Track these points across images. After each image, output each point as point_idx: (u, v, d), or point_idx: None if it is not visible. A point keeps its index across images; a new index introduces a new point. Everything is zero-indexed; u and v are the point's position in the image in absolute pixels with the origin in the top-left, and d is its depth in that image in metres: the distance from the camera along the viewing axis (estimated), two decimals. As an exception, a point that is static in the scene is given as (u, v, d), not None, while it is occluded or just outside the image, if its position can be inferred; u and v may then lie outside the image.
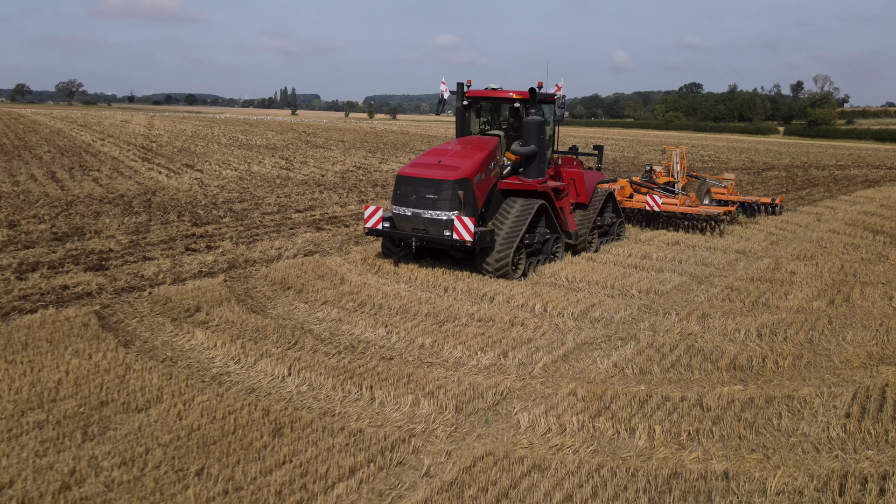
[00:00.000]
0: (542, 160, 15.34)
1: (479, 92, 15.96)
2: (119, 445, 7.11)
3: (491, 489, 6.55)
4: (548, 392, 8.88)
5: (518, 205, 14.75)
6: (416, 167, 14.35)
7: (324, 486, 6.53)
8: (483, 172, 14.33)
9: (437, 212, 13.75)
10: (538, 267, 15.17)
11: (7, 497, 6.16)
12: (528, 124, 15.01)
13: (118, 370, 8.95)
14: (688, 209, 21.15)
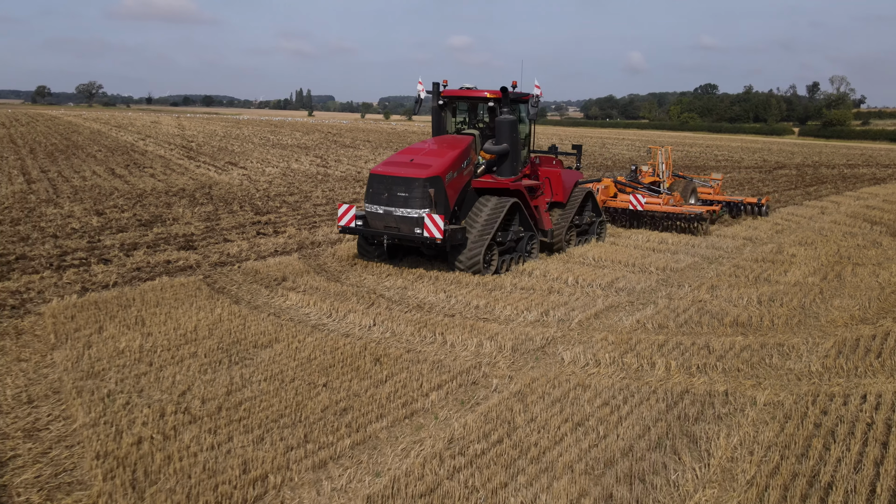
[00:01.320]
0: (516, 159, 15.60)
1: (453, 91, 16.11)
2: (259, 368, 9.31)
3: (546, 397, 8.70)
4: (584, 339, 11.01)
5: (491, 203, 14.85)
6: (389, 165, 14.56)
7: (419, 394, 8.69)
8: (455, 171, 14.47)
9: (408, 210, 13.89)
10: (513, 265, 15.51)
11: (190, 397, 8.36)
12: (500, 123, 15.29)
13: (237, 320, 11.17)
14: (670, 209, 21.22)
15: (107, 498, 6.21)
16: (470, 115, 16.70)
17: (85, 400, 8.17)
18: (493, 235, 14.45)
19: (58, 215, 20.24)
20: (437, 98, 16.25)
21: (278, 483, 6.57)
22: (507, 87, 15.20)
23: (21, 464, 6.87)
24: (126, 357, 9.51)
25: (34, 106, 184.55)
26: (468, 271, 14.27)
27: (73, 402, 8.15)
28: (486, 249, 14.34)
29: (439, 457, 7.13)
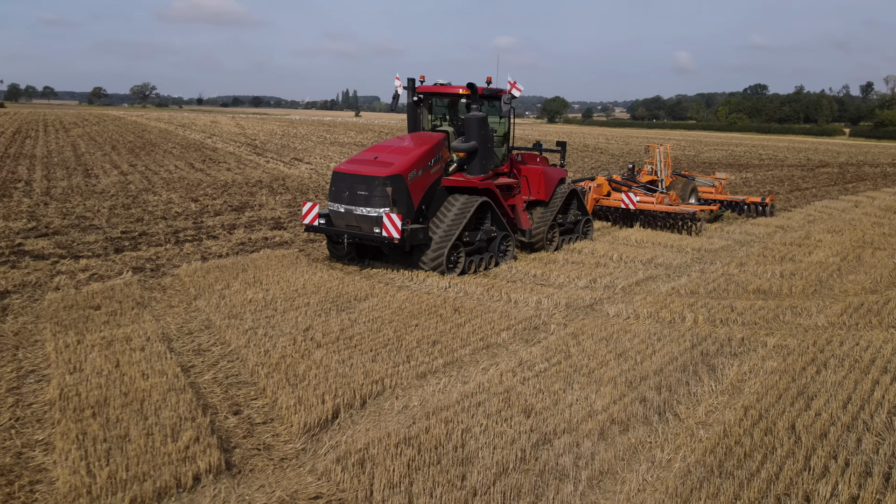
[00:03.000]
0: (486, 157, 15.21)
1: (428, 87, 15.81)
2: (361, 314, 11.60)
3: (596, 336, 10.84)
4: (626, 300, 13.11)
5: (459, 202, 14.56)
6: (352, 163, 14.40)
7: (492, 333, 10.89)
8: (421, 169, 14.21)
9: (368, 208, 13.71)
10: (485, 266, 15.23)
11: (313, 332, 10.66)
12: (469, 120, 14.92)
13: (335, 281, 13.50)
14: (663, 207, 20.75)
15: (272, 388, 8.53)
16: (450, 112, 16.28)
17: (233, 331, 10.54)
18: (458, 235, 14.19)
19: (159, 202, 22.94)
20: (412, 94, 15.94)
21: (392, 385, 8.81)
22: (474, 83, 14.95)
23: (199, 370, 9.24)
24: (254, 305, 11.88)
25: (91, 107, 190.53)
26: (432, 270, 14.13)
27: (225, 332, 10.53)
28: (450, 249, 14.10)
29: (512, 371, 9.33)
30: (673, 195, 22.44)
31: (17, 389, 8.46)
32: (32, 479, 6.52)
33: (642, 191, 22.55)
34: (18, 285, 12.72)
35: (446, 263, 14.09)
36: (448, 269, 14.20)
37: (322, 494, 6.40)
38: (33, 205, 21.70)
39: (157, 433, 7.20)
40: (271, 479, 6.66)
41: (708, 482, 6.62)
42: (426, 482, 6.47)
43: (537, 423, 7.76)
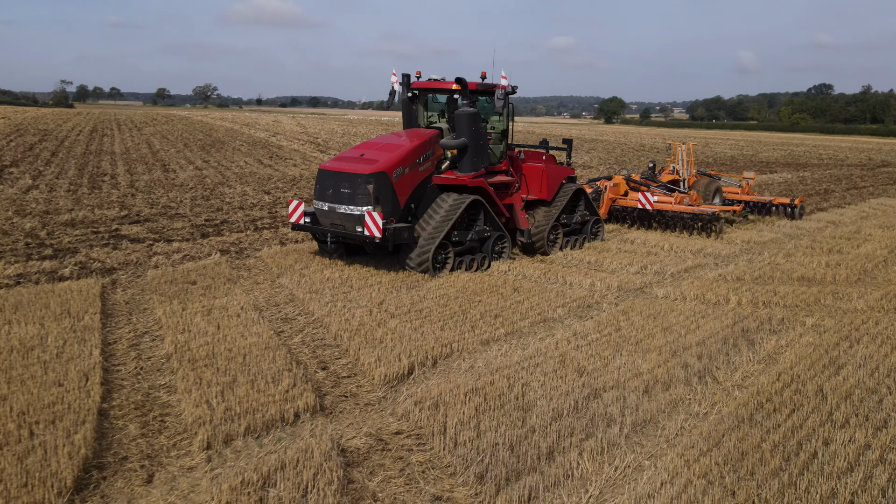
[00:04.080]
0: (477, 154, 14.67)
1: (422, 83, 15.46)
2: (429, 292, 12.73)
3: (644, 313, 11.80)
4: (674, 284, 14.01)
5: (449, 201, 14.25)
6: (338, 161, 14.21)
7: (549, 309, 11.91)
8: (408, 166, 13.91)
9: (351, 207, 13.46)
10: (480, 268, 14.78)
11: (387, 305, 11.83)
12: (459, 116, 14.47)
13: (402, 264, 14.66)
14: (682, 208, 19.83)
15: (354, 349, 9.72)
16: (448, 109, 15.52)
17: (315, 303, 11.78)
18: (446, 234, 13.86)
19: (234, 194, 24.52)
20: (407, 90, 15.65)
21: (459, 349, 9.92)
22: (463, 78, 14.59)
23: (288, 335, 10.48)
24: (332, 282, 13.12)
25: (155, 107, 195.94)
26: (418, 270, 13.77)
27: (308, 304, 11.78)
28: (437, 249, 13.82)
29: (567, 340, 10.37)
30: (694, 195, 21.52)
31: (137, 346, 9.81)
32: (162, 412, 7.81)
33: (661, 190, 21.74)
34: (122, 263, 14.20)
35: (432, 263, 13.73)
36: (435, 269, 13.90)
37: (403, 430, 7.54)
38: (122, 196, 23.47)
39: (260, 380, 8.43)
40: (359, 419, 7.83)
41: (738, 429, 7.57)
42: (492, 421, 7.57)
43: (588, 381, 8.79)
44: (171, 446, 7.04)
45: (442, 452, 7.02)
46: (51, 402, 7.58)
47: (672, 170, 24.09)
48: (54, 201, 21.94)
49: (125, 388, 8.41)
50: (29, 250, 15.03)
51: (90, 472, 6.44)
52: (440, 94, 15.64)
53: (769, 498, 6.21)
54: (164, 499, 6.08)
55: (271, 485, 6.20)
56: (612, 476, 6.63)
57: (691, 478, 6.49)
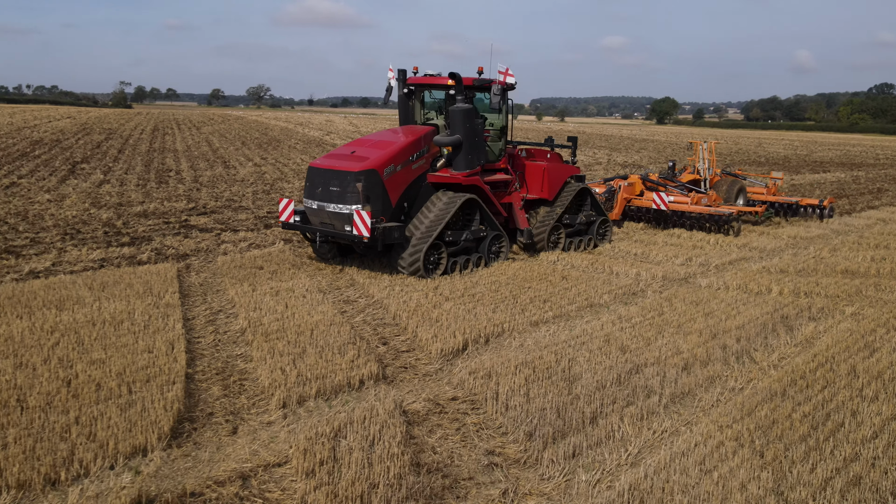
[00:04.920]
0: (473, 151, 14.19)
1: (418, 79, 15.03)
2: (481, 279, 13.43)
3: (687, 300, 12.34)
4: (718, 274, 14.49)
5: (443, 199, 13.83)
6: (328, 158, 13.84)
7: (596, 296, 12.53)
8: (400, 164, 13.49)
9: (340, 205, 13.05)
10: (475, 268, 14.35)
11: (441, 289, 12.57)
12: (453, 112, 14.04)
13: (457, 254, 15.39)
14: (698, 208, 19.33)
15: (412, 327, 10.47)
16: (446, 104, 14.87)
17: (375, 287, 12.59)
18: (439, 234, 13.42)
19: (293, 189, 25.56)
20: (403, 85, 15.25)
21: (510, 329, 10.60)
22: (457, 73, 14.15)
23: (350, 314, 11.28)
24: (389, 268, 13.90)
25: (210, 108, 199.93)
26: (409, 272, 13.33)
27: (368, 287, 12.63)
28: (429, 249, 13.35)
29: (612, 323, 10.99)
30: (713, 195, 20.88)
31: (213, 322, 10.71)
32: (240, 377, 8.65)
33: (679, 190, 21.05)
34: (193, 251, 15.20)
35: (424, 264, 13.26)
36: (427, 271, 13.42)
37: (458, 397, 8.26)
38: (188, 190, 24.70)
39: (327, 351, 9.23)
40: (417, 387, 8.57)
41: (771, 401, 8.12)
42: (540, 389, 8.24)
43: (631, 358, 9.40)
44: (250, 405, 7.87)
45: (494, 415, 7.72)
46: (143, 365, 8.47)
47: (693, 169, 23.38)
48: (126, 194, 23.22)
49: (206, 356, 9.29)
50: (108, 238, 16.15)
51: (183, 423, 7.29)
52: (437, 89, 15.19)
53: (795, 458, 6.76)
54: (248, 447, 6.89)
55: (342, 436, 6.97)
56: (650, 438, 7.25)
57: (723, 440, 7.08)
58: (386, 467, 6.33)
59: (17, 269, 13.07)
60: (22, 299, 10.93)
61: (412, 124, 15.25)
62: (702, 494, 6.07)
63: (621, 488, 6.13)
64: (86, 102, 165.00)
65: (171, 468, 6.42)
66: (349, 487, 5.99)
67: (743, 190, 22.84)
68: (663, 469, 6.47)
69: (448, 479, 6.43)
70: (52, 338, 9.26)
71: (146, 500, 5.84)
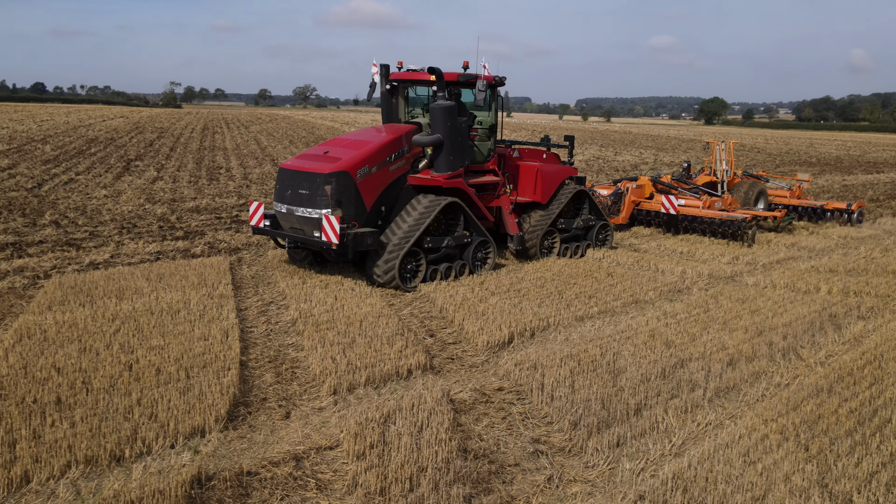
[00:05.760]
0: (456, 151, 13.29)
1: (400, 74, 14.20)
2: (526, 275, 13.56)
3: (733, 298, 12.33)
4: (765, 273, 14.42)
5: (422, 203, 12.92)
6: (300, 159, 13.03)
7: (641, 292, 12.58)
8: (376, 165, 12.63)
9: (309, 209, 12.23)
10: (458, 276, 13.40)
11: (487, 284, 12.73)
12: (433, 110, 13.15)
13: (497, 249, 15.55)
14: (709, 213, 17.99)
15: (459, 320, 10.67)
16: (431, 102, 13.91)
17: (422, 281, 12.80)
18: (416, 241, 12.54)
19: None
20: (385, 81, 14.42)
21: (555, 323, 10.72)
22: (437, 67, 13.22)
23: (398, 307, 11.50)
24: (436, 265, 14.11)
25: (257, 107, 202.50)
26: (384, 281, 12.44)
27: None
28: (405, 257, 12.47)
29: (657, 318, 11.04)
30: (728, 199, 19.61)
31: (265, 312, 11.02)
32: (292, 365, 8.92)
33: (692, 193, 19.74)
34: (245, 244, 15.60)
35: (399, 273, 12.38)
36: (404, 280, 12.57)
37: (504, 387, 8.42)
38: (238, 186, 25.24)
39: (375, 341, 9.45)
40: (464, 377, 8.75)
41: (816, 397, 8.13)
42: (585, 380, 8.36)
43: (675, 352, 9.46)
44: (302, 392, 8.12)
45: (539, 405, 7.87)
46: (200, 352, 8.79)
47: (710, 171, 22.02)
48: (178, 191, 23.83)
49: (258, 345, 9.59)
50: (163, 232, 16.65)
51: (238, 407, 7.57)
52: (420, 86, 14.39)
53: (840, 452, 6.79)
54: (300, 430, 7.13)
55: (391, 422, 7.17)
56: (694, 430, 7.33)
57: (767, 433, 7.13)
58: (434, 452, 6.51)
59: (78, 261, 13.57)
60: (84, 289, 11.37)
61: (395, 123, 14.54)
62: (745, 485, 6.14)
63: (665, 477, 6.23)
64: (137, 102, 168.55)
65: (228, 448, 6.69)
66: (399, 470, 6.19)
67: (763, 193, 21.62)
68: (707, 459, 6.55)
69: (494, 464, 6.60)
70: (113, 325, 9.64)
71: (205, 478, 6.10)
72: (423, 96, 14.65)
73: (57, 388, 7.55)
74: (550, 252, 15.28)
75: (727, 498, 5.96)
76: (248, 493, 5.96)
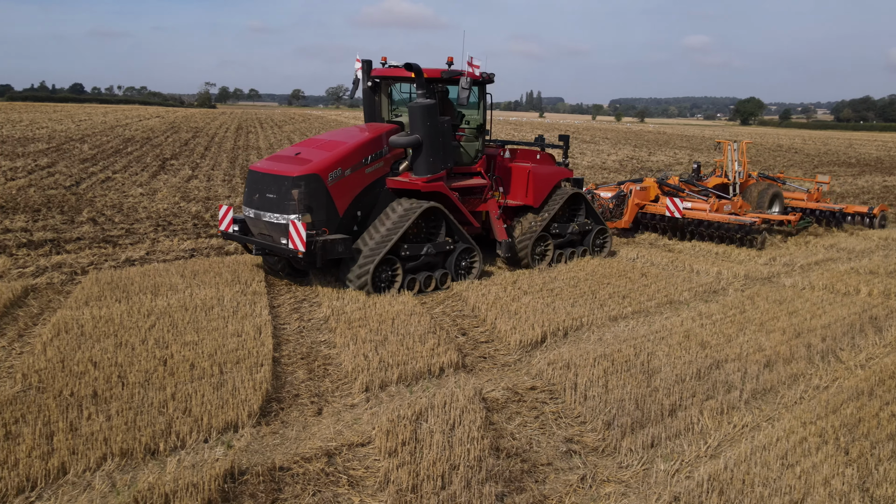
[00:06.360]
0: (435, 153, 12.48)
1: (382, 71, 13.44)
2: (559, 275, 13.48)
3: (770, 299, 12.14)
4: (803, 274, 14.18)
5: (400, 208, 12.23)
6: (270, 160, 12.40)
7: (676, 293, 12.43)
8: (350, 168, 11.93)
9: (276, 214, 11.58)
10: (439, 286, 12.61)
11: (520, 283, 12.66)
12: (411, 109, 12.43)
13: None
14: (716, 216, 16.95)
15: (491, 319, 10.62)
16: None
17: (454, 280, 12.77)
18: (392, 248, 11.81)
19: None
20: (367, 78, 13.66)
21: (588, 323, 10.63)
22: (415, 63, 12.40)
23: (430, 305, 11.48)
24: (468, 264, 14.06)
25: (290, 108, 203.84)
26: (358, 289, 11.71)
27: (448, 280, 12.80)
28: (380, 265, 11.72)
29: (692, 319, 10.90)
30: (738, 202, 18.41)
31: (298, 309, 11.07)
32: (324, 361, 8.94)
33: (700, 196, 18.82)
34: (278, 242, 15.68)
35: (372, 281, 11.62)
36: (378, 289, 11.78)
37: (537, 387, 8.36)
38: (271, 185, 25.38)
39: (408, 339, 9.44)
40: (496, 376, 8.70)
41: (857, 400, 7.96)
42: (619, 380, 8.27)
43: (711, 353, 9.33)
44: (334, 388, 8.13)
45: (573, 405, 7.80)
46: (233, 348, 8.84)
47: (721, 172, 20.93)
48: (213, 189, 24.06)
49: (291, 342, 9.62)
50: (197, 230, 16.81)
51: (270, 403, 7.60)
52: (405, 83, 13.62)
53: (882, 456, 6.64)
54: (332, 427, 7.14)
55: (423, 419, 7.15)
56: (730, 432, 7.21)
57: (806, 436, 7.00)
58: (466, 450, 6.48)
59: (115, 258, 13.74)
60: (120, 285, 11.50)
61: (378, 122, 13.77)
62: (783, 488, 6.02)
63: (700, 478, 6.13)
64: (173, 103, 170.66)
65: (261, 444, 6.71)
66: (430, 467, 6.16)
67: (779, 195, 20.29)
68: (744, 462, 6.44)
69: (527, 463, 6.54)
70: (148, 320, 9.74)
71: (238, 472, 6.13)
72: (408, 94, 13.92)
73: (93, 382, 7.64)
74: (543, 259, 14.38)
75: (764, 501, 5.86)
76: (280, 488, 5.97)
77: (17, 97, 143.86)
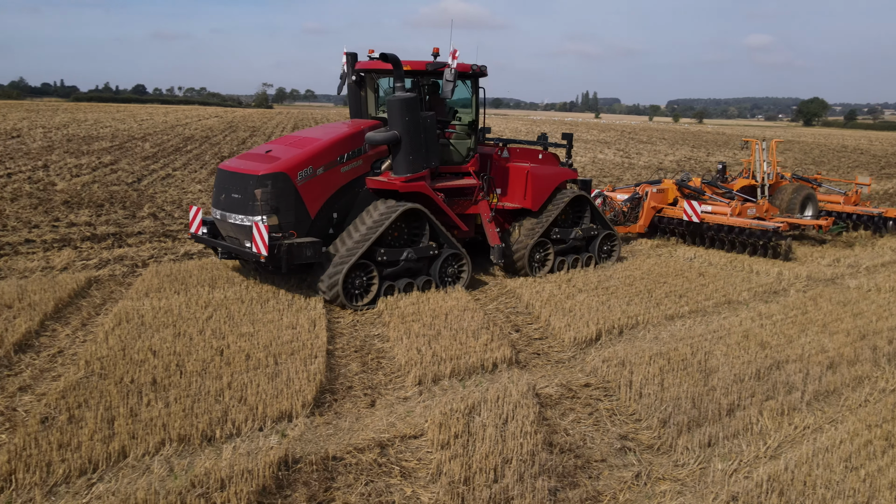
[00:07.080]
0: (416, 150, 11.54)
1: (366, 64, 12.56)
2: (615, 273, 13.31)
3: (833, 300, 11.80)
4: (868, 276, 13.76)
5: (378, 210, 11.41)
6: (239, 158, 11.64)
7: (734, 293, 12.17)
8: (322, 166, 11.16)
9: (241, 216, 10.81)
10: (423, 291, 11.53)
11: (574, 282, 12.54)
12: (389, 103, 11.46)
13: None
14: (737, 221, 15.53)
15: (545, 316, 10.54)
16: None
17: (508, 277, 12.70)
18: (367, 253, 10.95)
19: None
20: (352, 71, 12.86)
21: (644, 322, 10.47)
22: (393, 54, 11.37)
23: (483, 301, 11.45)
24: (522, 261, 13.99)
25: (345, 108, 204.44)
26: (332, 301, 10.90)
27: (502, 277, 12.72)
28: (351, 270, 10.83)
29: (751, 319, 10.66)
30: (764, 205, 16.76)
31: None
32: (378, 355, 8.97)
33: (723, 199, 17.51)
34: (333, 238, 15.82)
35: (343, 289, 10.74)
36: (350, 298, 10.90)
37: (591, 384, 8.26)
38: (327, 183, 25.64)
39: (461, 334, 9.42)
40: (550, 373, 8.62)
41: (925, 403, 7.69)
42: (675, 378, 8.13)
43: (771, 354, 9.11)
44: (387, 381, 8.15)
45: (627, 402, 7.68)
46: (288, 340, 8.93)
47: (749, 173, 19.45)
48: (270, 186, 24.37)
49: (345, 335, 9.68)
50: (254, 225, 17.04)
51: (324, 394, 7.65)
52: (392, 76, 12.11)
53: (952, 462, 6.39)
54: (385, 419, 7.15)
55: (476, 413, 7.12)
56: (790, 433, 7.02)
57: (871, 439, 6.78)
58: (519, 444, 6.43)
59: (174, 251, 14.02)
60: (179, 277, 11.72)
61: (366, 116, 13.01)
62: (847, 490, 5.84)
63: (759, 479, 5.98)
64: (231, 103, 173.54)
65: (315, 434, 6.76)
66: (483, 460, 6.13)
67: (811, 198, 18.52)
68: (805, 463, 6.27)
69: (580, 459, 6.47)
70: (206, 312, 9.90)
71: (292, 461, 6.18)
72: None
73: (153, 370, 7.79)
74: (542, 266, 13.35)
75: (827, 503, 5.68)
76: (333, 477, 6.00)
77: (82, 98, 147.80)
